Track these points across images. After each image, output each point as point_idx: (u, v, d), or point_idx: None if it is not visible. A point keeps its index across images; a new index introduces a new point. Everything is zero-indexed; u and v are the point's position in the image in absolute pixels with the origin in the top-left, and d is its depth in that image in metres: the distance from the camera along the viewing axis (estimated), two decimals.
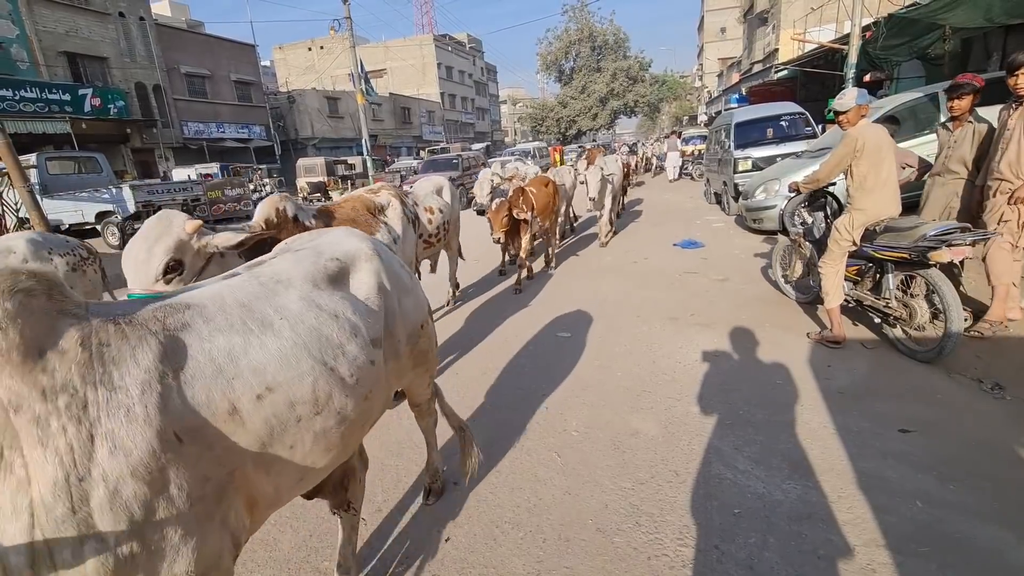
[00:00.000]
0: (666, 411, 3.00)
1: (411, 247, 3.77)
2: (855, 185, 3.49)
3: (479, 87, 51.64)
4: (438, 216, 4.50)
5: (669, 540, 2.05)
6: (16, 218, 8.56)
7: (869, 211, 3.49)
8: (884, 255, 3.42)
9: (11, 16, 16.77)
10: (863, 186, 3.45)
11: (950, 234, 3.10)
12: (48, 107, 16.51)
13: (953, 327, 3.06)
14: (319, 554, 2.13)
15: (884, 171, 3.42)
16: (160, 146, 21.72)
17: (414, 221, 3.95)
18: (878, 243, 3.48)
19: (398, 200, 3.69)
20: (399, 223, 3.57)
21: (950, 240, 3.07)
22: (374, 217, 3.43)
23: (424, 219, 4.26)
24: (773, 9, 22.60)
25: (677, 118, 45.18)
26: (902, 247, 3.29)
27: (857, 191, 3.49)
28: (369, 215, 3.42)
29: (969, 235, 3.09)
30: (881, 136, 3.45)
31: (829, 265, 3.66)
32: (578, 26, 37.97)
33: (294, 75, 38.01)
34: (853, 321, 4.03)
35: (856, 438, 2.58)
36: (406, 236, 3.64)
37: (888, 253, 3.39)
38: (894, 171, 3.49)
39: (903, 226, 3.39)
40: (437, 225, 4.47)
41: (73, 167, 12.36)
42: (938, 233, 3.13)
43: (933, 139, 4.34)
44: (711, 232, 8.18)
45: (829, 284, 3.64)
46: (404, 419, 3.15)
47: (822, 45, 12.11)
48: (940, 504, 2.10)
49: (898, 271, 3.46)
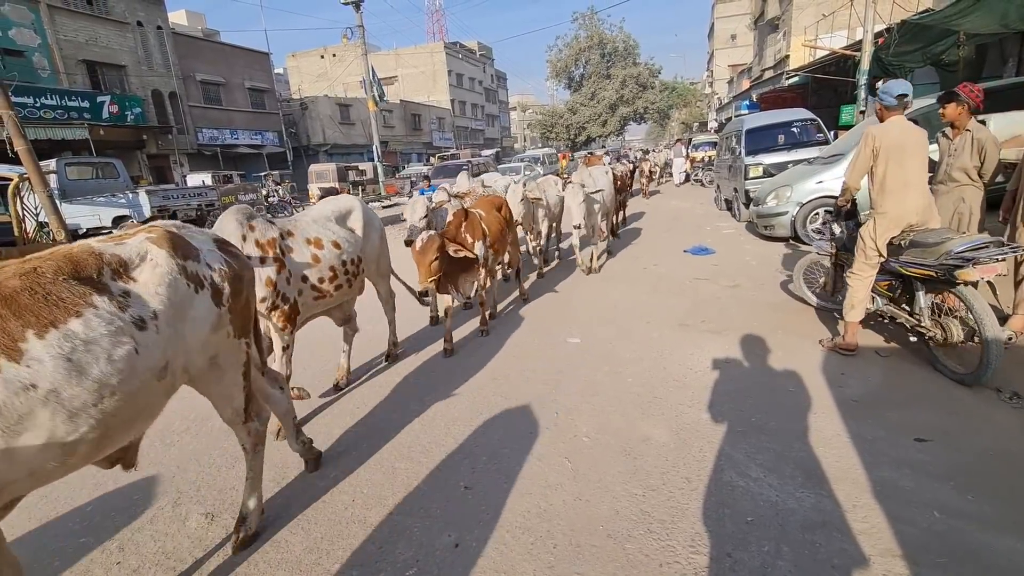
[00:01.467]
0: (677, 417, 2.99)
1: (196, 335, 1.90)
2: (875, 187, 3.32)
3: (489, 94, 51.93)
4: (332, 253, 3.25)
5: (681, 547, 2.03)
6: (36, 222, 8.71)
7: (891, 214, 3.27)
8: (910, 272, 3.20)
9: (33, 26, 17.19)
10: (883, 187, 3.26)
11: (978, 250, 2.88)
12: (67, 114, 16.85)
13: (992, 353, 2.82)
14: (330, 556, 2.14)
15: (908, 171, 3.19)
16: (175, 152, 22.06)
17: (228, 277, 2.04)
18: (904, 259, 3.25)
19: (166, 250, 1.84)
20: (157, 294, 1.74)
21: (977, 257, 2.85)
22: (86, 285, 1.59)
23: (304, 256, 3.11)
24: (784, 16, 22.54)
25: (687, 125, 45.11)
26: (927, 264, 3.05)
27: (877, 194, 3.31)
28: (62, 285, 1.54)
29: (997, 250, 2.87)
30: (906, 134, 3.21)
31: (857, 276, 3.45)
32: (588, 33, 38.17)
33: (307, 82, 38.50)
34: (868, 329, 3.98)
35: (871, 447, 2.55)
36: (177, 315, 1.80)
37: (914, 270, 3.17)
38: (921, 173, 3.25)
39: (929, 241, 3.13)
40: (332, 265, 3.24)
41: (91, 172, 12.59)
42: (964, 249, 2.89)
43: None
44: (721, 238, 8.14)
45: (855, 297, 3.45)
46: (415, 423, 3.17)
47: (834, 52, 12.07)
48: (957, 514, 2.07)
49: (927, 289, 3.23)
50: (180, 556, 2.22)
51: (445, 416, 3.23)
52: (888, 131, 3.22)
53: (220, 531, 2.35)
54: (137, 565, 2.18)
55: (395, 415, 3.31)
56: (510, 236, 5.09)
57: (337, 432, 3.15)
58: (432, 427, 3.11)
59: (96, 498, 2.68)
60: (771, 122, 9.66)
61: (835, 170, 6.71)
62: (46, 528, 2.49)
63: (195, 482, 2.76)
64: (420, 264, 3.64)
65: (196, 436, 3.25)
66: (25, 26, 16.96)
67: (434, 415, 3.25)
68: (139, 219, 11.79)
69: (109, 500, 2.65)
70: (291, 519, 2.38)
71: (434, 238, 3.69)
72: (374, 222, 3.82)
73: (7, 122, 7.17)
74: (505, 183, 7.54)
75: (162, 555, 2.23)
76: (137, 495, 2.65)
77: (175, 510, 2.53)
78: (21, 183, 8.19)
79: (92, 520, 2.50)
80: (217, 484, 2.72)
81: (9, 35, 16.32)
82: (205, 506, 2.54)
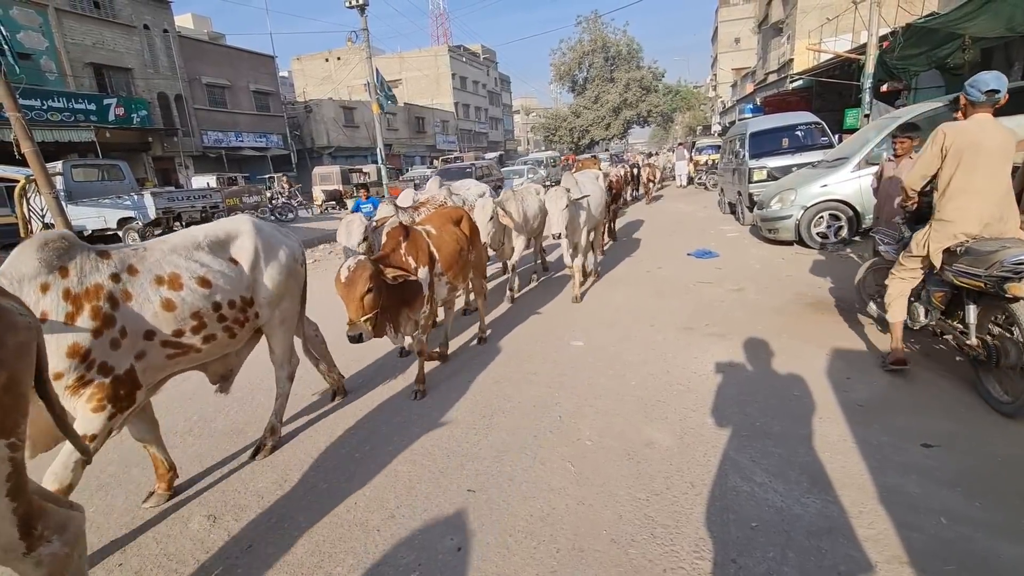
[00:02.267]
0: (681, 421, 2.97)
1: None
2: (938, 191, 3.01)
3: (493, 97, 52.04)
4: (196, 295, 2.43)
5: (685, 553, 2.02)
6: (42, 223, 8.77)
7: (956, 222, 2.92)
8: (960, 282, 2.90)
9: (41, 29, 17.34)
10: (945, 192, 2.95)
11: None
12: (74, 116, 16.97)
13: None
14: (332, 559, 2.13)
15: (978, 177, 2.84)
16: (180, 154, 22.17)
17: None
18: (956, 267, 2.92)
19: None
20: None
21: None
22: None
23: (150, 303, 2.29)
24: (788, 19, 22.54)
25: (690, 128, 45.10)
26: (976, 275, 2.77)
27: (940, 198, 2.99)
28: None
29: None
30: (987, 135, 2.84)
31: (895, 278, 3.31)
32: (592, 37, 38.25)
33: (311, 85, 38.66)
34: (872, 332, 3.96)
35: (877, 452, 2.53)
36: None
37: (963, 280, 2.87)
38: (1001, 178, 2.87)
39: (984, 249, 2.81)
40: (197, 310, 2.42)
41: (97, 174, 12.65)
42: (1018, 260, 2.59)
43: None
44: (725, 242, 8.11)
45: (889, 294, 3.33)
46: (415, 426, 3.16)
47: (838, 55, 12.04)
48: (965, 521, 2.04)
49: (978, 302, 2.93)
50: (182, 558, 2.21)
51: (447, 418, 3.22)
52: (964, 131, 2.87)
53: (222, 533, 2.35)
54: (139, 567, 2.18)
55: (397, 418, 3.31)
56: (472, 257, 4.09)
57: (338, 434, 3.15)
58: (434, 430, 3.10)
59: (98, 499, 2.68)
60: (775, 126, 9.65)
61: (839, 174, 6.69)
62: None
63: (197, 484, 2.76)
64: (347, 299, 2.79)
65: (199, 437, 3.25)
66: (33, 29, 17.10)
67: (436, 418, 3.24)
68: (144, 221, 11.85)
69: (111, 501, 2.65)
70: (293, 522, 2.38)
71: (363, 264, 2.81)
72: (274, 251, 2.84)
73: (14, 124, 7.22)
74: (480, 191, 6.69)
75: (164, 556, 2.22)
76: (139, 496, 2.65)
77: (177, 511, 2.53)
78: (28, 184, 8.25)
79: (94, 521, 2.49)
80: (220, 486, 2.72)
81: (17, 38, 16.43)
82: (207, 508, 2.54)
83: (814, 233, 6.93)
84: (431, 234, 3.62)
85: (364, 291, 2.78)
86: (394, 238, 3.39)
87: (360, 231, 4.38)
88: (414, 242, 3.40)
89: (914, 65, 9.43)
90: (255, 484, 2.70)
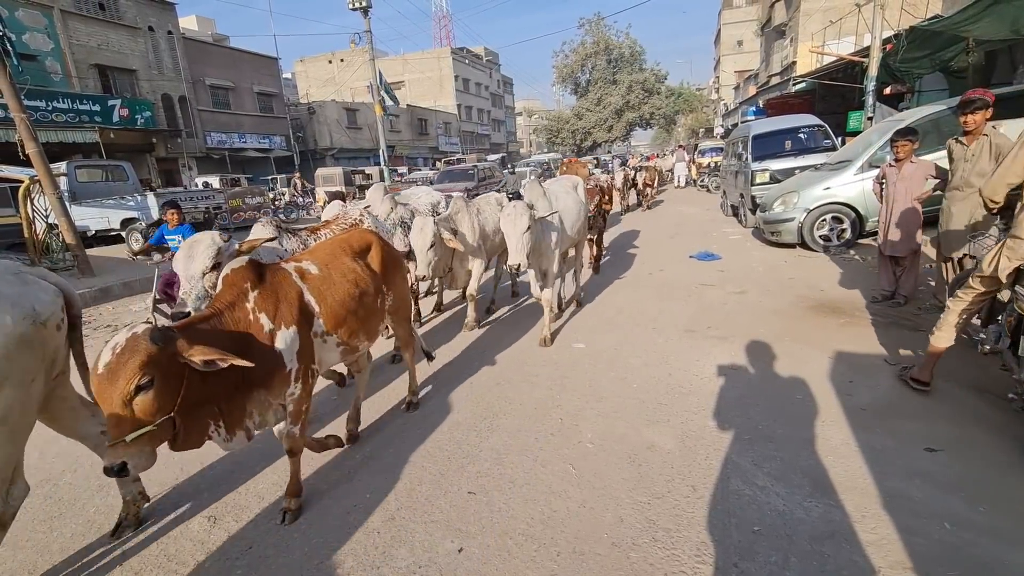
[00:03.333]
0: (683, 424, 2.96)
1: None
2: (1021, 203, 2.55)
3: (495, 99, 52.12)
4: None
5: (687, 556, 2.01)
6: (45, 224, 8.81)
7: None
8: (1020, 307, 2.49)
9: (47, 30, 17.45)
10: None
11: None
12: (78, 117, 17.05)
13: None
14: (332, 561, 2.12)
15: None
16: (184, 155, 22.26)
17: None
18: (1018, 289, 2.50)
19: None
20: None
21: None
22: None
23: None
24: (791, 22, 22.52)
25: (693, 130, 45.10)
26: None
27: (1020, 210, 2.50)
28: None
29: None
30: None
31: (958, 298, 2.86)
32: (594, 39, 38.29)
33: (315, 87, 38.78)
34: (874, 334, 3.94)
35: (880, 456, 2.51)
36: None
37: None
38: None
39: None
40: None
41: (101, 175, 12.72)
42: None
43: None
44: (728, 244, 8.10)
45: (945, 319, 2.91)
46: (416, 428, 3.15)
47: (841, 58, 12.02)
48: (969, 526, 2.03)
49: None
50: (182, 558, 2.21)
51: (448, 420, 3.22)
52: None
53: (222, 534, 2.34)
54: (139, 567, 2.18)
55: (397, 419, 3.30)
56: (388, 302, 2.93)
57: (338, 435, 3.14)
58: (435, 431, 3.09)
59: (98, 499, 2.68)
60: (778, 128, 9.64)
61: (842, 176, 6.67)
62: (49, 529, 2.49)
63: (198, 484, 2.75)
64: (104, 402, 1.66)
65: None
66: (38, 31, 17.21)
67: (437, 419, 3.24)
68: (147, 221, 11.87)
69: (111, 502, 2.65)
70: (293, 523, 2.37)
71: (136, 339, 1.68)
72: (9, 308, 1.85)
73: (19, 125, 7.26)
74: (433, 200, 5.63)
75: (164, 557, 2.22)
76: None
77: (177, 512, 2.53)
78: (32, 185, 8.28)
79: (95, 521, 2.50)
80: (220, 486, 2.71)
81: (23, 39, 16.53)
82: (208, 509, 2.54)
83: (817, 236, 6.91)
84: (309, 275, 2.45)
85: (130, 389, 1.63)
86: (236, 285, 2.15)
87: (208, 256, 2.85)
88: (273, 289, 2.23)
89: (917, 68, 9.41)
90: (255, 485, 2.70)
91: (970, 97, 3.73)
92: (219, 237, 2.97)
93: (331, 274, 2.55)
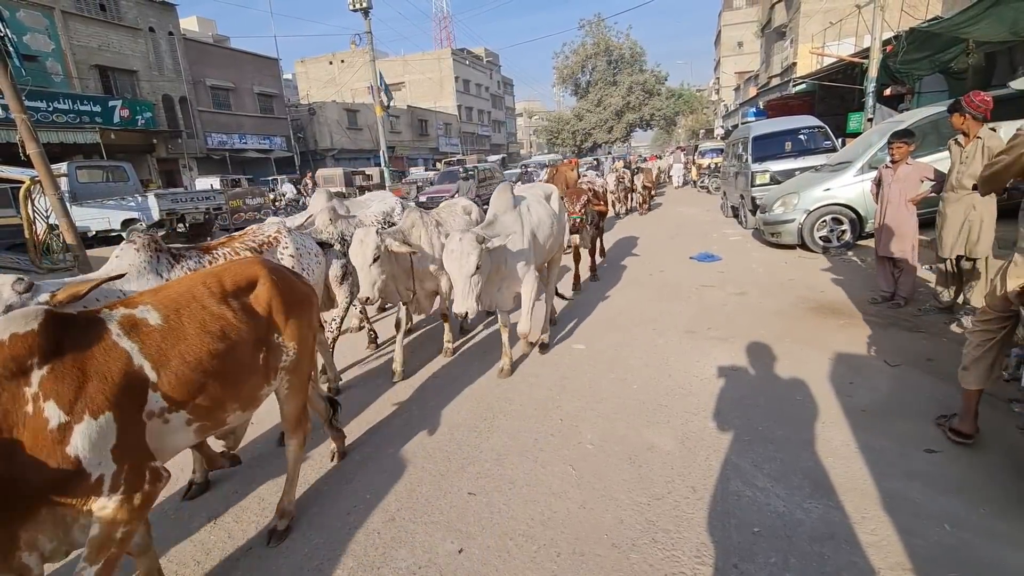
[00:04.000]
0: (683, 425, 2.96)
1: None
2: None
3: (495, 100, 52.14)
4: None
5: (686, 558, 2.01)
6: (46, 224, 8.82)
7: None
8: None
9: (47, 31, 17.47)
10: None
11: None
12: (79, 118, 17.07)
13: None
14: (332, 562, 2.13)
15: None
16: (184, 156, 22.27)
17: None
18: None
19: None
20: None
21: None
22: None
23: None
24: (791, 23, 22.55)
25: (693, 132, 45.11)
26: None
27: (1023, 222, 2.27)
28: None
29: None
30: None
31: (975, 329, 2.50)
32: (595, 40, 38.28)
33: (315, 88, 38.80)
34: (875, 335, 3.95)
35: (880, 457, 2.51)
36: None
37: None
38: None
39: None
40: None
41: (101, 176, 12.72)
42: None
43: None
44: (728, 245, 8.10)
45: (967, 354, 2.51)
46: (416, 428, 3.16)
47: (841, 59, 12.03)
48: (969, 528, 2.03)
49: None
50: (182, 559, 2.21)
51: (448, 421, 3.22)
52: None
53: (222, 534, 2.35)
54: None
55: (397, 420, 3.31)
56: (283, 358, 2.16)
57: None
58: (435, 432, 3.10)
59: None
60: (778, 129, 9.65)
61: (842, 178, 6.68)
62: None
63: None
64: None
65: None
66: (39, 31, 17.23)
67: (437, 420, 3.24)
68: (148, 222, 11.90)
69: None
70: (293, 524, 2.37)
71: None
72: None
73: (20, 126, 7.27)
74: (386, 207, 4.95)
75: (163, 558, 2.22)
76: None
77: (178, 513, 2.53)
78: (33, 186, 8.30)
79: None
80: (221, 487, 2.72)
81: (24, 40, 16.55)
82: (208, 510, 2.54)
83: (817, 237, 6.92)
84: (144, 328, 1.75)
85: None
86: (14, 361, 1.43)
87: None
88: (76, 361, 1.54)
89: (917, 69, 9.42)
90: (255, 486, 2.70)
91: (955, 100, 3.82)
92: (8, 287, 2.12)
93: (182, 323, 1.82)
